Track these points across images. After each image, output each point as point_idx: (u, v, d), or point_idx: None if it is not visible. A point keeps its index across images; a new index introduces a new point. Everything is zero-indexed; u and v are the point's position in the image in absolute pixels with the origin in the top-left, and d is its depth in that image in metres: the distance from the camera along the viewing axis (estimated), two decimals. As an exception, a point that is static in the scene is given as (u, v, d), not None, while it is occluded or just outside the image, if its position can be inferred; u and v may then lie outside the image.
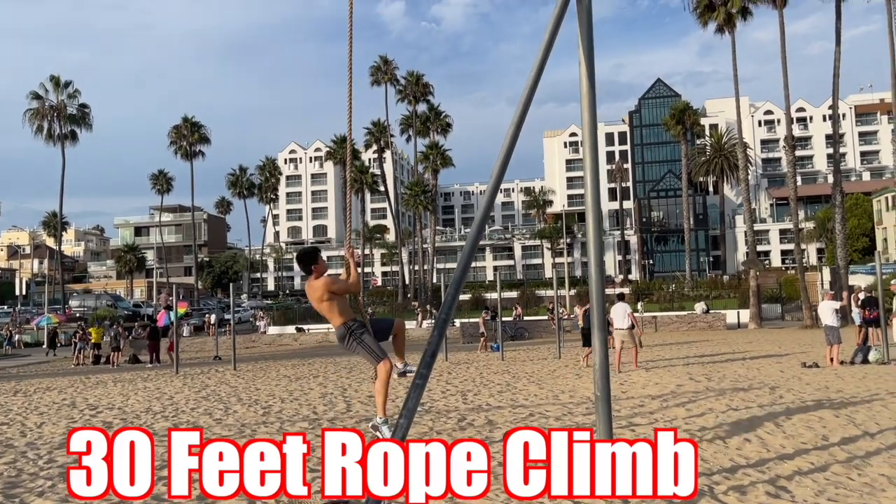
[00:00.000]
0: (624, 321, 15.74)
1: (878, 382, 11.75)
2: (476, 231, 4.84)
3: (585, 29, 5.79)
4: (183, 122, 67.13)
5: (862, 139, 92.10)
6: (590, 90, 5.79)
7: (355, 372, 17.91)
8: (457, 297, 4.56)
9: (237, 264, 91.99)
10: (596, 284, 5.67)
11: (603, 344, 5.56)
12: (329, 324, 19.35)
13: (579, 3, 5.79)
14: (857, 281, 34.42)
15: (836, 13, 32.67)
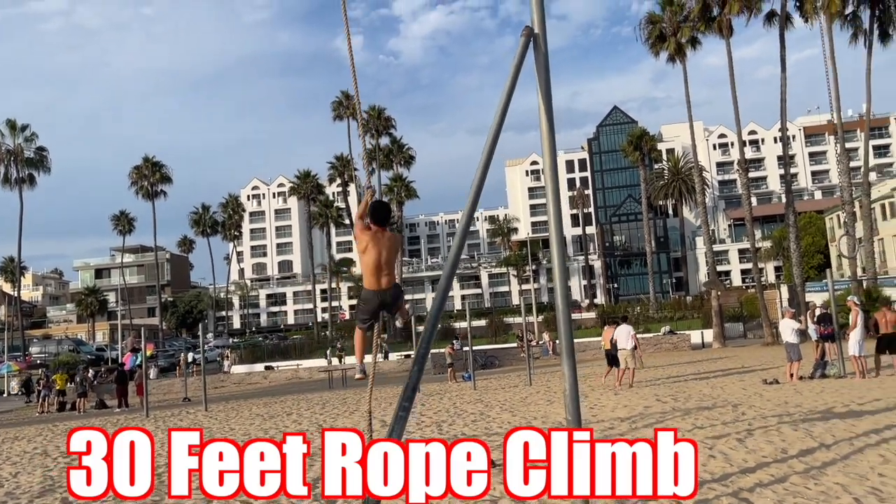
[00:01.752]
0: (628, 342, 16.70)
1: (835, 396, 12.25)
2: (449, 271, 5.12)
3: (543, 74, 6.18)
4: (144, 162, 66.58)
5: (812, 159, 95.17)
6: (549, 133, 6.17)
7: (328, 407, 17.95)
8: (434, 331, 4.80)
9: (201, 303, 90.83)
10: (562, 313, 5.98)
11: (572, 370, 5.85)
12: (299, 360, 18.94)
13: (536, 50, 6.17)
14: (814, 297, 35.44)
15: (780, 41, 34.09)
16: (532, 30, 6.26)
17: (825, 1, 31.90)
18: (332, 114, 65.17)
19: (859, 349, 15.26)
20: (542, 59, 6.24)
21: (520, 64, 6.05)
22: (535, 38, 6.25)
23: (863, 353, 15.28)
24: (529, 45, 6.16)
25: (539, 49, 6.24)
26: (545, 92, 6.24)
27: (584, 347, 36.90)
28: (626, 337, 16.81)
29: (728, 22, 33.77)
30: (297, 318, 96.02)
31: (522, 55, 6.07)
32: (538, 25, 6.30)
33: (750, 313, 47.27)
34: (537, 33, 6.28)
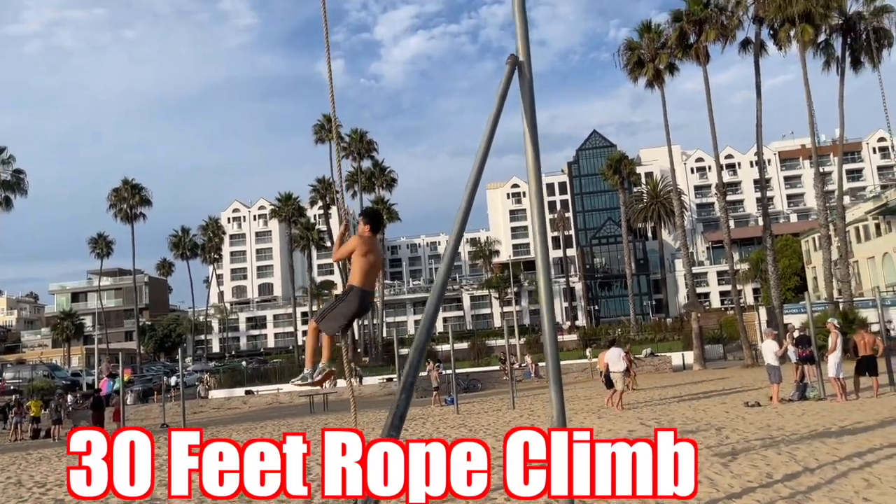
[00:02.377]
0: (619, 364, 16.95)
1: (816, 419, 12.34)
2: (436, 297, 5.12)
3: (528, 101, 6.26)
4: (123, 185, 66.04)
5: (787, 183, 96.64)
6: (535, 158, 6.22)
7: (309, 433, 17.74)
8: (422, 358, 4.80)
9: (180, 327, 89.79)
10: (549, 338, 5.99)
11: (559, 395, 5.84)
12: (279, 385, 18.84)
13: (521, 77, 6.25)
14: (792, 319, 35.81)
15: (755, 68, 34.77)
16: (517, 58, 6.34)
17: (799, 30, 32.62)
18: (314, 137, 65.24)
19: (838, 371, 15.40)
20: (527, 86, 6.31)
21: (505, 91, 6.13)
22: (521, 66, 6.33)
23: (842, 375, 15.42)
24: (514, 73, 6.27)
25: (524, 76, 6.31)
26: (530, 118, 6.30)
27: (567, 370, 36.90)
28: (616, 359, 17.10)
29: (705, 49, 34.41)
30: (278, 341, 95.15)
31: (508, 82, 6.15)
32: (523, 53, 6.39)
33: (729, 335, 47.62)
34: (522, 61, 6.36)
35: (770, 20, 34.04)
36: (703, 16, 33.83)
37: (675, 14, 34.85)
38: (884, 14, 33.78)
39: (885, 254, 51.71)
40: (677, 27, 34.62)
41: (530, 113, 6.30)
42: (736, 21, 34.42)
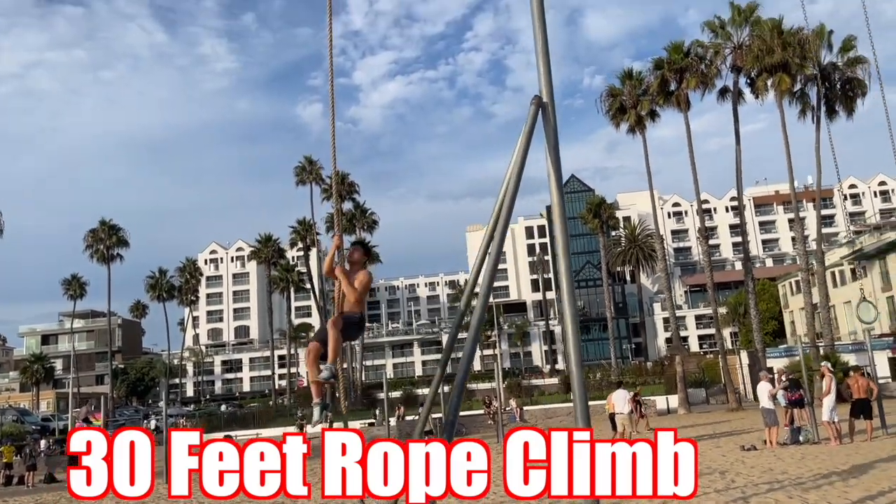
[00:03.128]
0: (624, 406, 17.16)
1: (818, 463, 12.29)
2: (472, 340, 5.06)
3: (552, 140, 6.30)
4: (100, 226, 65.26)
5: (762, 228, 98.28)
6: (559, 194, 6.24)
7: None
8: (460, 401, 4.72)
9: (154, 370, 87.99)
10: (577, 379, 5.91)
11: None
12: (258, 429, 18.44)
13: (545, 118, 6.30)
14: (774, 363, 36.02)
15: (734, 116, 35.60)
16: (541, 99, 6.40)
17: (776, 79, 33.53)
18: (295, 178, 65.28)
19: (832, 415, 15.43)
20: (551, 126, 6.36)
21: (531, 130, 6.18)
22: (544, 107, 6.39)
23: (836, 419, 15.44)
24: (539, 113, 6.32)
25: (548, 117, 6.37)
26: (554, 158, 6.33)
27: (553, 414, 36.66)
28: (623, 401, 17.32)
29: (686, 96, 35.20)
30: (254, 385, 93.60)
31: (533, 122, 6.20)
32: (546, 94, 6.45)
33: (711, 379, 47.72)
34: (546, 102, 6.42)
35: (747, 69, 34.98)
36: (684, 64, 34.71)
37: (657, 62, 35.70)
38: (857, 64, 34.87)
39: (861, 298, 52.42)
40: (659, 74, 35.44)
41: (554, 153, 6.33)
42: (715, 70, 35.33)
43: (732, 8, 35.59)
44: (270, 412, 56.45)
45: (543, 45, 6.57)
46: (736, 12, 35.36)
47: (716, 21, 35.82)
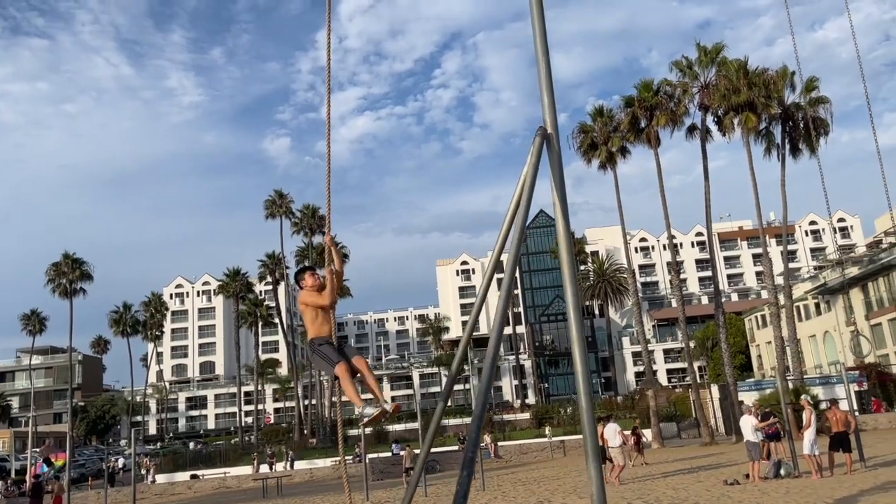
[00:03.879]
0: (616, 439, 17.66)
1: (804, 497, 12.29)
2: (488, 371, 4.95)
3: (557, 171, 6.27)
4: (63, 259, 63.78)
5: (727, 263, 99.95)
6: (565, 224, 6.21)
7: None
8: (479, 436, 4.58)
9: (115, 408, 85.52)
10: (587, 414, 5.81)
11: (598, 471, 5.63)
12: (226, 468, 17.99)
13: (550, 149, 6.28)
14: (744, 396, 36.30)
15: (702, 153, 36.36)
16: (546, 130, 6.40)
17: (743, 118, 34.40)
18: (265, 212, 64.82)
19: (813, 448, 15.50)
20: (555, 157, 6.34)
21: (537, 161, 6.15)
22: (549, 138, 6.37)
23: (817, 452, 15.52)
24: (543, 145, 6.31)
25: (552, 148, 6.35)
26: (560, 188, 6.31)
27: (526, 449, 36.37)
28: (613, 434, 17.69)
29: (656, 133, 35.86)
30: (219, 422, 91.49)
31: (539, 154, 6.17)
32: (551, 126, 6.44)
33: (682, 413, 47.93)
34: (550, 133, 6.41)
35: (714, 108, 35.84)
36: (654, 102, 35.43)
37: (628, 99, 36.40)
38: (819, 104, 35.98)
39: (825, 332, 53.39)
40: (629, 112, 36.11)
41: (560, 183, 6.31)
42: (683, 108, 36.11)
43: (699, 48, 36.56)
44: (238, 450, 55.08)
45: (547, 78, 6.59)
46: (703, 52, 36.32)
47: (683, 61, 36.73)
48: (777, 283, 39.00)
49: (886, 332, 45.31)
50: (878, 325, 46.32)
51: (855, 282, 48.31)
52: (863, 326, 47.50)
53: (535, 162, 6.14)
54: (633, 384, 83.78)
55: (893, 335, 44.42)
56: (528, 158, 6.24)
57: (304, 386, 70.51)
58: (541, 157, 6.17)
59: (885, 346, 45.33)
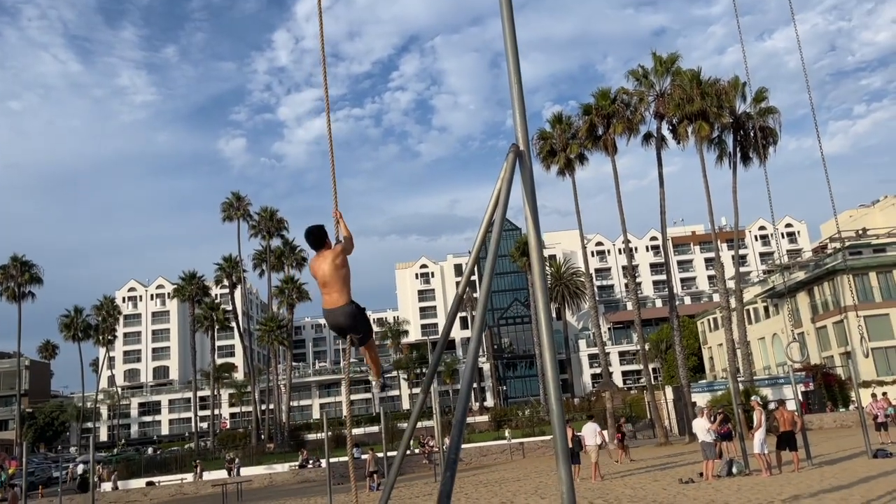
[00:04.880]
0: (594, 438, 18.54)
1: (755, 494, 12.86)
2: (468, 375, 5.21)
3: (529, 186, 6.58)
4: (11, 262, 62.02)
5: (680, 267, 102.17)
6: (536, 238, 6.52)
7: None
8: (461, 439, 4.84)
9: (64, 414, 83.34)
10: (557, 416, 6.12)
11: (568, 472, 5.94)
12: (183, 474, 17.77)
13: (522, 165, 6.59)
14: (697, 397, 37.35)
15: (657, 160, 37.32)
16: (518, 147, 6.71)
17: (696, 126, 35.42)
18: (222, 214, 64.02)
19: (763, 447, 16.16)
20: (527, 173, 6.66)
21: (510, 178, 6.45)
22: (521, 155, 6.69)
23: (766, 451, 16.18)
24: (516, 161, 6.63)
25: (524, 164, 6.67)
26: (531, 203, 6.62)
27: (486, 451, 36.72)
28: (593, 434, 18.63)
29: (613, 141, 36.67)
30: (173, 427, 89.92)
31: (512, 170, 6.48)
32: (523, 143, 6.76)
33: (637, 414, 48.93)
34: (522, 150, 6.74)
35: (669, 117, 36.81)
36: (611, 110, 36.24)
37: (586, 108, 37.14)
38: (769, 114, 37.25)
39: (773, 334, 55.11)
40: (587, 119, 36.84)
41: (531, 198, 6.62)
42: (639, 116, 36.99)
43: (655, 58, 37.51)
44: (193, 455, 54.24)
45: (519, 97, 6.89)
46: (658, 62, 37.28)
47: (639, 70, 37.64)
48: (728, 287, 40.19)
49: (831, 335, 47.00)
50: (822, 327, 48.02)
51: (801, 286, 50.02)
52: (808, 329, 49.22)
53: (509, 178, 6.44)
54: (589, 386, 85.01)
55: (838, 337, 46.10)
56: (501, 174, 6.54)
57: (260, 391, 69.80)
58: (514, 172, 6.49)
59: (830, 349, 47.04)
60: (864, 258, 46.37)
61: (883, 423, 22.12)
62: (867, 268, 45.47)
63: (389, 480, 7.42)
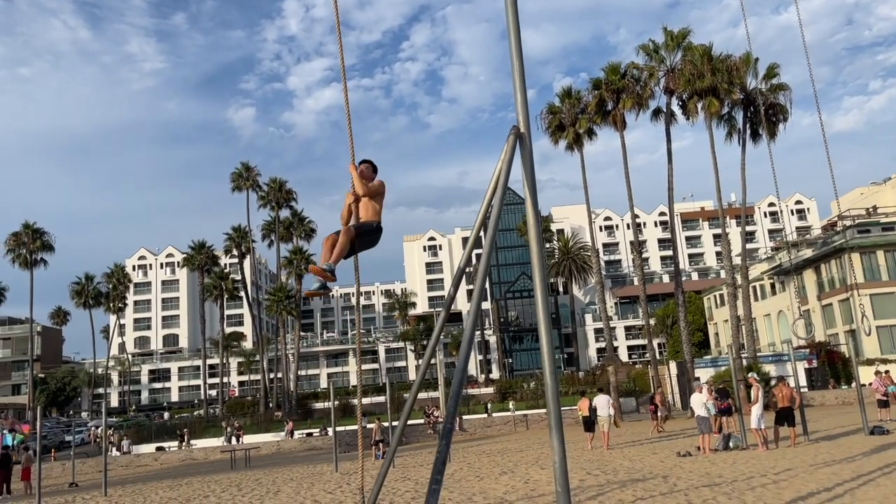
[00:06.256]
0: (607, 409, 19.35)
1: (749, 467, 13.17)
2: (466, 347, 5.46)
3: (529, 167, 6.77)
4: (23, 229, 62.67)
5: (689, 243, 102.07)
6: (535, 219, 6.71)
7: (245, 490, 17.28)
8: (458, 406, 5.11)
9: (76, 380, 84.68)
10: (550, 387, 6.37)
11: (560, 442, 6.21)
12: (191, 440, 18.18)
13: (522, 147, 6.77)
14: (701, 373, 37.67)
15: (666, 136, 37.20)
16: (519, 129, 6.89)
17: (706, 102, 35.27)
18: (231, 185, 64.25)
19: (760, 422, 16.45)
20: (527, 154, 6.85)
21: (511, 159, 6.65)
22: (522, 137, 6.88)
23: (763, 426, 16.47)
24: (517, 143, 6.82)
25: (525, 146, 6.86)
26: (531, 184, 6.82)
27: (491, 423, 37.31)
28: (605, 405, 19.39)
29: (622, 116, 36.57)
30: (182, 394, 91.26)
31: (512, 151, 6.68)
32: (523, 125, 6.94)
33: (640, 388, 49.39)
34: (523, 133, 6.92)
35: (679, 92, 36.63)
36: (621, 85, 36.10)
37: (595, 82, 37.01)
38: (779, 91, 37.02)
39: (779, 311, 55.26)
40: (597, 94, 36.72)
41: (531, 180, 6.82)
42: (649, 91, 36.85)
43: (665, 33, 37.24)
44: (201, 423, 55.24)
45: (521, 80, 7.05)
46: (669, 37, 37.01)
47: (650, 45, 37.40)
48: (735, 264, 40.27)
49: (836, 313, 47.13)
50: (828, 305, 48.13)
51: (808, 263, 50.02)
52: (814, 307, 49.33)
53: (510, 159, 6.64)
54: (594, 360, 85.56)
55: (843, 315, 46.24)
56: (502, 155, 6.74)
57: (269, 360, 70.69)
58: (514, 154, 6.68)
59: (835, 326, 47.20)
60: (871, 237, 46.26)
61: (883, 400, 22.36)
62: (875, 246, 45.40)
63: (391, 449, 7.75)
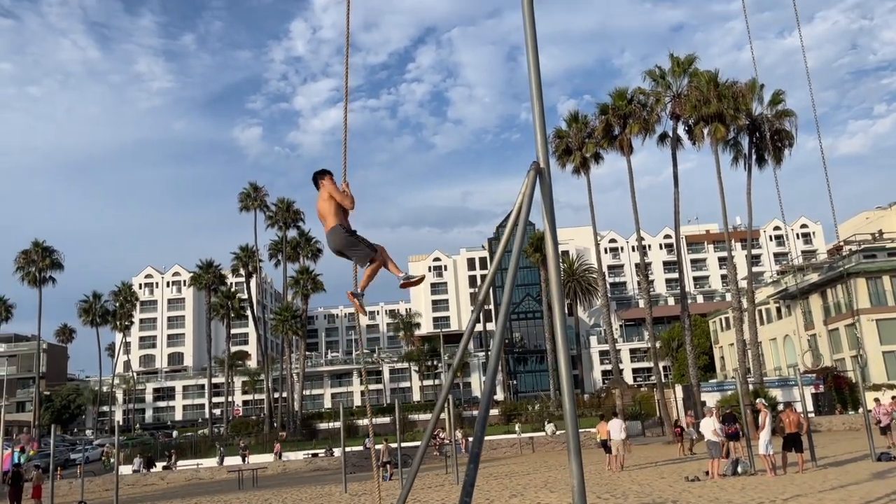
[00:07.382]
0: (620, 433, 19.71)
1: (759, 493, 13.30)
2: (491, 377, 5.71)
3: (548, 202, 7.05)
4: (33, 247, 63.19)
5: (694, 266, 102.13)
6: (554, 252, 6.98)
7: (258, 510, 17.41)
8: (484, 432, 5.35)
9: (81, 397, 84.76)
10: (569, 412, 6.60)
11: (578, 466, 6.43)
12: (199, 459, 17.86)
13: (542, 182, 7.06)
14: (707, 397, 37.66)
15: (672, 160, 37.53)
16: (539, 164, 7.19)
17: (713, 128, 35.65)
18: (239, 204, 64.71)
19: (768, 448, 16.57)
20: (547, 189, 7.15)
21: (531, 193, 6.94)
22: (541, 172, 7.18)
23: (771, 452, 16.59)
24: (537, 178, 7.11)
25: (544, 181, 7.15)
26: (550, 216, 7.11)
27: (496, 445, 37.27)
28: (618, 429, 19.82)
29: (629, 141, 36.95)
30: (187, 413, 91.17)
31: (532, 186, 6.97)
32: (543, 161, 7.25)
33: (646, 412, 49.29)
34: (542, 168, 7.22)
35: (685, 117, 37.04)
36: (628, 111, 36.53)
37: (602, 107, 37.45)
38: (785, 117, 37.42)
39: (785, 336, 55.23)
40: (604, 119, 37.15)
41: (550, 212, 7.11)
42: (655, 116, 37.25)
43: (672, 59, 37.71)
44: (208, 441, 55.23)
45: (541, 117, 7.38)
46: (675, 63, 37.47)
47: (656, 70, 37.86)
48: (741, 287, 40.42)
49: (843, 338, 47.09)
50: (835, 330, 48.11)
51: (814, 288, 50.08)
52: (820, 331, 49.32)
53: (530, 193, 6.93)
54: (599, 382, 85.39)
55: (850, 340, 46.21)
56: (522, 189, 7.03)
57: (273, 379, 70.73)
58: (534, 189, 6.97)
59: (842, 351, 47.15)
60: (877, 262, 46.36)
61: (886, 426, 22.42)
62: (881, 271, 45.48)
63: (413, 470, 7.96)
